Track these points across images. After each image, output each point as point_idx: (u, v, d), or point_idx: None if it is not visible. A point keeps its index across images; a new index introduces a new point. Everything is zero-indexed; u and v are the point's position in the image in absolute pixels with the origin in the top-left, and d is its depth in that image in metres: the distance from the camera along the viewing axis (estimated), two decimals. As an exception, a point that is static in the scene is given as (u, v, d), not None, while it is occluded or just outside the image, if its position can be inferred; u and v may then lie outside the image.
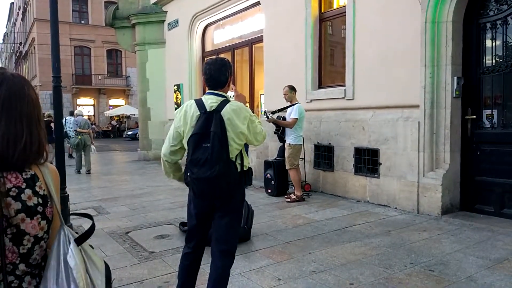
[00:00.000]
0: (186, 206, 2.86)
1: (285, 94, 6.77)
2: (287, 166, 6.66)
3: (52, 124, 14.38)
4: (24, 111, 1.24)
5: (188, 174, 2.57)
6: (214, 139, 2.46)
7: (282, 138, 6.86)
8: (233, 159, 2.58)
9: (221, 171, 2.46)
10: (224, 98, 2.65)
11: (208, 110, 2.57)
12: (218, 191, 2.56)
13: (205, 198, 2.64)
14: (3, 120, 1.20)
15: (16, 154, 1.20)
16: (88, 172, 10.82)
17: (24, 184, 1.20)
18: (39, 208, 1.22)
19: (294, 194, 6.60)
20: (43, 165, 1.29)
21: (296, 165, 6.63)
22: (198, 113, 2.57)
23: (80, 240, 1.30)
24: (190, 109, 2.63)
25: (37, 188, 1.22)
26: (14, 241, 1.17)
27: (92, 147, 11.15)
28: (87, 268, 1.27)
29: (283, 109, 6.85)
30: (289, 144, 6.60)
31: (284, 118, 6.80)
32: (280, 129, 6.84)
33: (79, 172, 10.96)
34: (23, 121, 1.23)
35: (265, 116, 6.90)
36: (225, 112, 2.56)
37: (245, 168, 2.68)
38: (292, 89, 6.80)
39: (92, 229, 1.36)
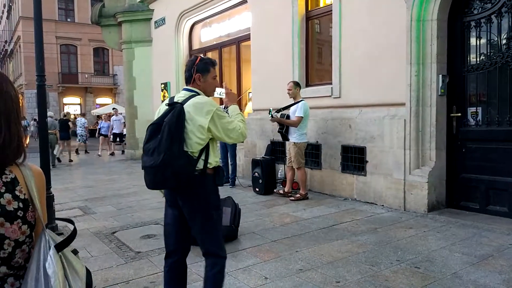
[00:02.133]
0: None
1: (289, 90, 6.62)
2: (295, 166, 6.58)
3: (70, 123, 14.84)
4: (1, 108, 1.21)
5: (142, 163, 2.61)
6: (164, 129, 2.47)
7: (285, 137, 6.74)
8: (194, 154, 2.54)
9: (166, 161, 2.42)
10: (193, 93, 2.69)
11: (172, 102, 2.63)
12: (162, 180, 2.51)
13: (153, 188, 2.65)
14: None
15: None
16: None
17: (4, 188, 1.18)
18: (19, 213, 1.19)
19: (298, 193, 6.60)
20: (25, 167, 1.25)
21: (303, 163, 6.58)
22: (166, 107, 2.63)
23: (61, 246, 1.26)
24: (162, 104, 2.75)
25: (17, 192, 1.20)
26: None
27: None
28: (67, 275, 1.24)
29: (288, 107, 6.75)
30: (294, 143, 6.51)
31: (288, 116, 6.69)
32: (284, 128, 6.72)
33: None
34: (1, 118, 1.21)
35: (270, 115, 6.78)
36: (187, 105, 2.56)
37: (210, 166, 2.61)
38: (297, 85, 6.69)
39: (73, 235, 1.32)
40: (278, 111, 6.83)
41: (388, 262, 3.81)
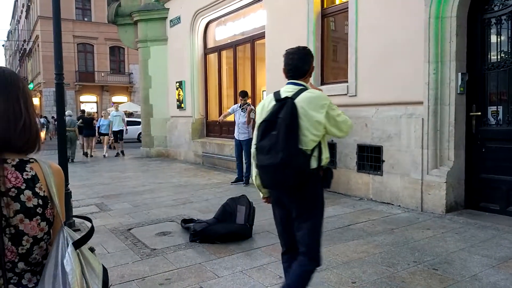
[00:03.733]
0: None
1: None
2: None
3: (94, 122, 15.43)
4: (20, 95, 1.26)
5: (256, 162, 2.49)
6: (280, 126, 2.36)
7: None
8: (308, 151, 2.43)
9: (285, 159, 2.33)
10: (302, 87, 2.54)
11: (281, 98, 2.49)
12: (282, 179, 2.41)
13: (272, 188, 2.57)
14: (1, 101, 1.21)
15: (17, 134, 1.21)
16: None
17: (24, 184, 1.19)
18: (39, 210, 1.20)
19: None
20: (45, 164, 1.27)
21: None
22: (274, 102, 2.50)
23: (79, 243, 1.27)
24: (267, 100, 2.59)
25: (37, 189, 1.21)
26: (13, 241, 1.17)
27: None
28: (84, 272, 1.25)
29: None
30: None
31: None
32: None
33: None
34: (21, 102, 1.24)
35: None
36: (299, 100, 2.43)
37: (322, 163, 2.50)
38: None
39: (90, 233, 1.33)
40: None
41: (405, 263, 3.75)
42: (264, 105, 2.58)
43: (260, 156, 2.44)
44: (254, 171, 2.63)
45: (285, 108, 2.39)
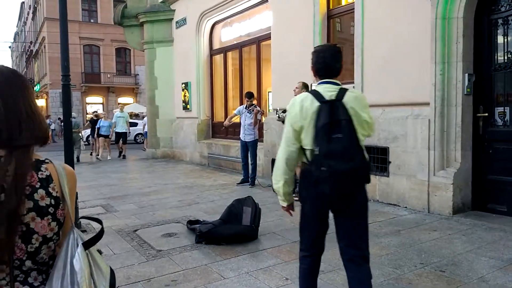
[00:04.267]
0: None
1: (296, 88, 6.62)
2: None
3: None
4: (24, 92, 1.28)
5: (322, 169, 2.25)
6: (346, 128, 2.28)
7: None
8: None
9: (360, 163, 2.29)
10: (341, 86, 2.46)
11: (327, 99, 2.37)
12: (359, 184, 2.37)
13: (339, 195, 2.37)
14: (5, 97, 1.23)
15: (23, 129, 1.22)
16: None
17: (39, 183, 1.21)
18: (51, 209, 1.22)
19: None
20: (59, 166, 1.29)
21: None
22: (318, 103, 2.36)
23: (88, 244, 1.28)
24: (306, 101, 2.40)
25: (50, 189, 1.23)
26: (23, 239, 1.18)
27: None
28: (92, 273, 1.26)
29: None
30: None
31: None
32: None
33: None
34: (25, 97, 1.27)
35: (277, 115, 6.79)
36: (347, 100, 2.35)
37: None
38: (305, 86, 6.63)
39: (100, 234, 1.34)
40: (284, 111, 6.81)
41: (411, 265, 3.73)
42: (304, 106, 2.39)
43: (333, 162, 2.24)
44: (280, 176, 2.51)
45: (341, 109, 2.31)
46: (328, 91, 2.41)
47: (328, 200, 2.41)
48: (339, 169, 2.25)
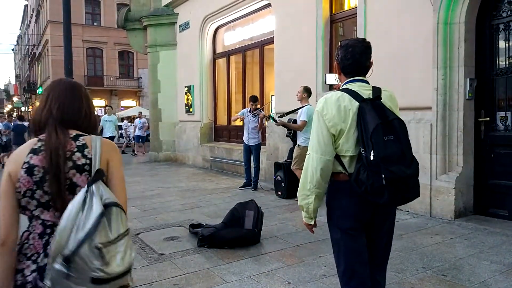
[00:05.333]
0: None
1: (298, 93, 6.68)
2: (292, 167, 6.59)
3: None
4: (82, 95, 1.75)
5: (383, 176, 1.94)
6: (399, 128, 2.05)
7: (295, 141, 6.81)
8: None
9: (417, 167, 2.08)
10: (371, 85, 2.24)
11: (366, 98, 2.13)
12: (417, 191, 2.10)
13: (398, 204, 2.14)
14: (68, 98, 1.70)
15: (81, 120, 1.70)
16: None
17: (76, 149, 1.60)
18: (86, 167, 1.59)
19: None
20: (97, 138, 1.67)
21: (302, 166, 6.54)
22: (357, 103, 2.10)
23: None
24: (343, 101, 2.12)
25: (85, 153, 1.61)
26: (69, 191, 1.55)
27: None
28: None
29: (293, 111, 6.80)
30: (299, 145, 6.56)
31: (295, 121, 6.75)
32: (292, 132, 6.82)
33: None
34: (83, 100, 1.74)
35: (272, 120, 6.87)
36: (385, 99, 2.15)
37: None
38: (307, 91, 6.70)
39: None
40: (281, 115, 6.89)
41: (414, 269, 3.74)
42: (342, 107, 2.10)
43: (394, 167, 1.96)
44: (311, 191, 2.17)
45: (387, 109, 2.09)
46: (364, 89, 2.18)
47: (371, 213, 2.13)
48: (402, 175, 1.99)
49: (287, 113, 6.85)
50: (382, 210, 2.15)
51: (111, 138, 13.39)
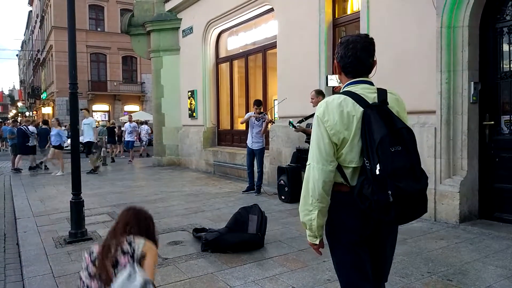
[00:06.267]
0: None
1: (312, 99, 6.51)
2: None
3: (115, 129, 17.14)
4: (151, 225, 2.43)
5: (390, 192, 1.75)
6: (408, 138, 1.84)
7: None
8: None
9: (426, 181, 1.87)
10: (375, 87, 2.03)
11: (371, 103, 1.92)
12: (425, 205, 1.90)
13: (407, 221, 1.90)
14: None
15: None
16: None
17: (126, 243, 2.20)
18: (130, 253, 2.12)
19: None
20: (142, 239, 2.23)
21: None
22: (361, 108, 1.90)
23: None
24: (346, 106, 1.91)
25: (133, 244, 2.19)
26: (113, 267, 2.08)
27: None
28: None
29: (310, 116, 6.67)
30: None
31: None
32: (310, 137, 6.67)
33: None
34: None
35: (292, 126, 6.71)
36: (392, 104, 1.96)
37: None
38: (319, 93, 6.51)
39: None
40: (300, 121, 6.77)
41: (419, 274, 3.72)
42: (345, 112, 1.91)
43: (403, 182, 1.76)
44: (313, 205, 1.94)
45: (394, 116, 1.89)
46: (368, 92, 1.97)
47: (374, 227, 1.96)
48: (410, 191, 1.79)
49: (306, 118, 6.70)
50: (385, 224, 1.97)
51: (90, 143, 12.51)
